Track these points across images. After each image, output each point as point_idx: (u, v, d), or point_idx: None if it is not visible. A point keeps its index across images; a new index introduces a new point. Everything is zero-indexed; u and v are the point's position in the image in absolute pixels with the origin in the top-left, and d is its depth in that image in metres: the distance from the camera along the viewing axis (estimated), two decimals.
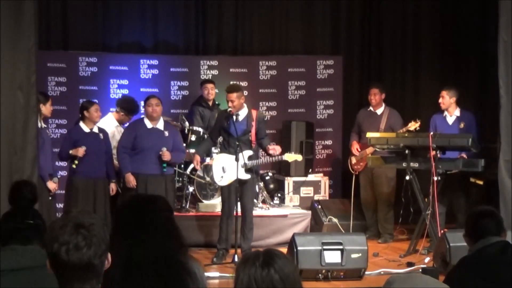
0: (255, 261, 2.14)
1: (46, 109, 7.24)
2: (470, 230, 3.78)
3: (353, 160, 8.74)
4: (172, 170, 7.70)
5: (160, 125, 7.53)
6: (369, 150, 8.47)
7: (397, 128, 8.40)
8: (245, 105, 7.48)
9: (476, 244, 3.72)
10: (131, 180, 7.35)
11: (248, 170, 7.33)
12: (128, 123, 8.09)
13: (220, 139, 7.67)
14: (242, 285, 2.13)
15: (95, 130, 7.39)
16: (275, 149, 7.44)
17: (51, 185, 7.10)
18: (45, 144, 7.06)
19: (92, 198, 7.24)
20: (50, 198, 7.13)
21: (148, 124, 7.50)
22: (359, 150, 8.64)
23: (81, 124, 7.36)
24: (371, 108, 8.73)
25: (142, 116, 7.86)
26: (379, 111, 8.68)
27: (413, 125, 8.22)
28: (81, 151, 7.17)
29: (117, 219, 2.81)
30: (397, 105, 9.10)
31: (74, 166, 7.20)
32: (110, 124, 8.00)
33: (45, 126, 7.50)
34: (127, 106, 8.22)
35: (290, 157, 7.70)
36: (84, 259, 2.07)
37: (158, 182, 7.35)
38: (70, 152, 7.19)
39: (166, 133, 7.49)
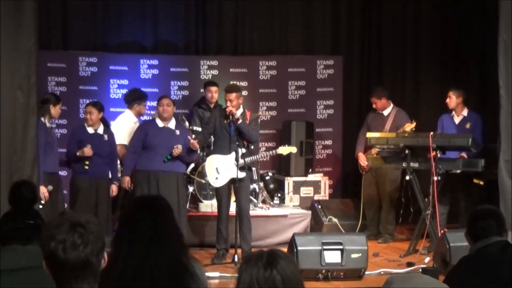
0: (258, 262, 2.14)
1: (55, 110, 7.22)
2: (471, 230, 3.77)
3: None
4: (184, 168, 7.66)
5: (172, 124, 7.52)
6: (374, 150, 8.45)
7: None
8: (241, 105, 7.51)
9: (477, 243, 3.71)
10: (126, 182, 7.39)
11: (242, 168, 7.33)
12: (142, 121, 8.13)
13: (211, 139, 7.70)
14: (244, 285, 2.12)
15: (100, 131, 7.34)
16: None
17: (42, 189, 6.62)
18: (54, 146, 7.07)
19: (94, 199, 7.20)
20: (40, 206, 6.29)
21: (160, 123, 7.50)
22: (366, 162, 8.54)
23: (86, 124, 7.33)
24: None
25: (154, 117, 7.88)
26: (386, 112, 8.65)
27: (409, 126, 8.20)
28: (87, 150, 7.09)
29: (125, 222, 2.80)
30: (397, 105, 9.09)
31: (86, 167, 7.13)
32: (129, 120, 8.08)
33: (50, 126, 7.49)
34: (137, 95, 8.28)
35: (284, 150, 7.70)
36: (81, 257, 2.07)
37: (170, 178, 7.33)
38: (77, 154, 7.12)
39: (178, 132, 7.49)
